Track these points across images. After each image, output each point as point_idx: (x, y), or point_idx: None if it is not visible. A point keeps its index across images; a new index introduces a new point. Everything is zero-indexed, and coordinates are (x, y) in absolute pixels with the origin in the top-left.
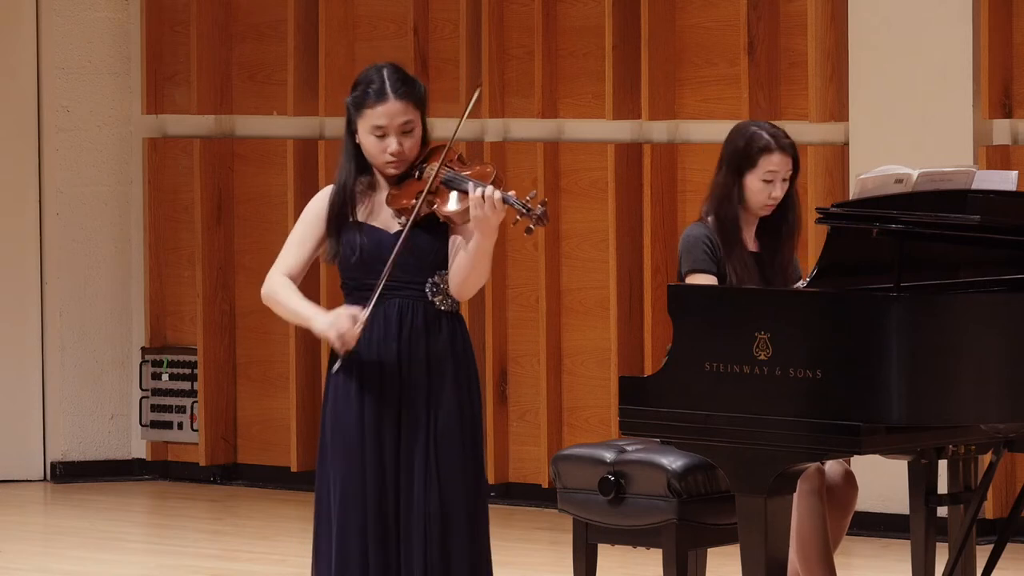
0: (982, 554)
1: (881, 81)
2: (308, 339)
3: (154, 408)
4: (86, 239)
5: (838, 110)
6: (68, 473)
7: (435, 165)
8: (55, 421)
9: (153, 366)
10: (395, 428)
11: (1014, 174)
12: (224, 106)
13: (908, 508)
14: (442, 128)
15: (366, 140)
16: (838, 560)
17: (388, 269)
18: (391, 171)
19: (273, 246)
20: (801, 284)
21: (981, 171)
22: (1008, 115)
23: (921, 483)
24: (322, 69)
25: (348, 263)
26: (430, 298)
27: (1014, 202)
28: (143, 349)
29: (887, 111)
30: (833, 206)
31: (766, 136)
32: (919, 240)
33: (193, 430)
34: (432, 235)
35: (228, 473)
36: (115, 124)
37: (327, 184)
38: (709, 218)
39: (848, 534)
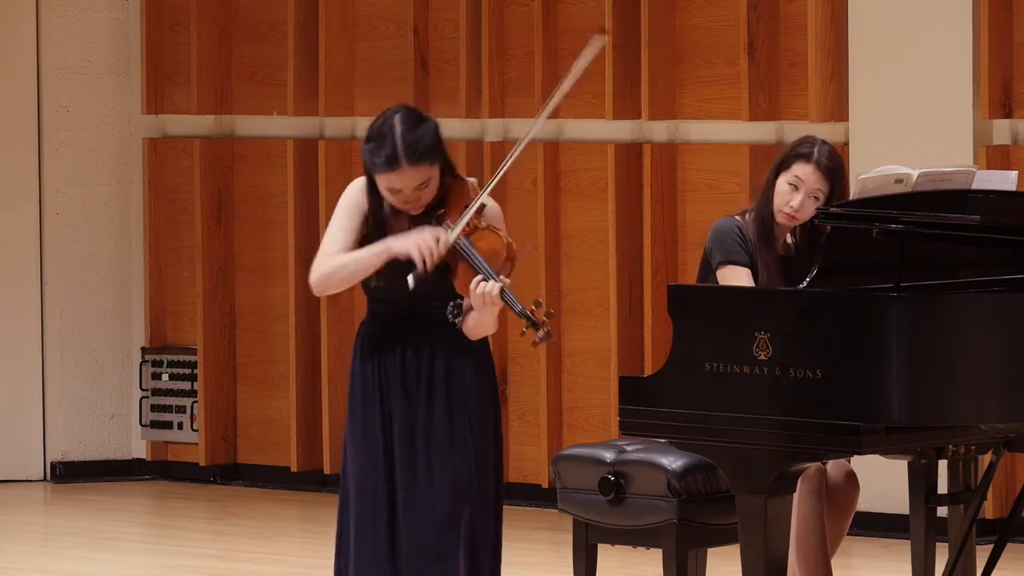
0: (982, 554)
1: (881, 81)
2: (308, 339)
3: (154, 408)
4: (86, 239)
5: (838, 110)
6: (68, 473)
7: (450, 223)
8: (55, 421)
9: (153, 366)
10: (408, 445)
11: (1014, 174)
12: (224, 106)
13: (908, 508)
14: (443, 128)
15: (383, 192)
16: (838, 560)
17: (467, 216)
18: (410, 212)
19: (273, 246)
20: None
21: (981, 171)
22: (1008, 115)
23: (921, 483)
24: (322, 69)
25: (376, 279)
26: (451, 320)
27: (1014, 202)
28: (143, 349)
29: (887, 111)
30: (833, 206)
31: (810, 148)
32: (919, 240)
33: (193, 430)
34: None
35: (228, 473)
36: (115, 124)
37: (326, 184)
38: (748, 214)
39: (848, 534)
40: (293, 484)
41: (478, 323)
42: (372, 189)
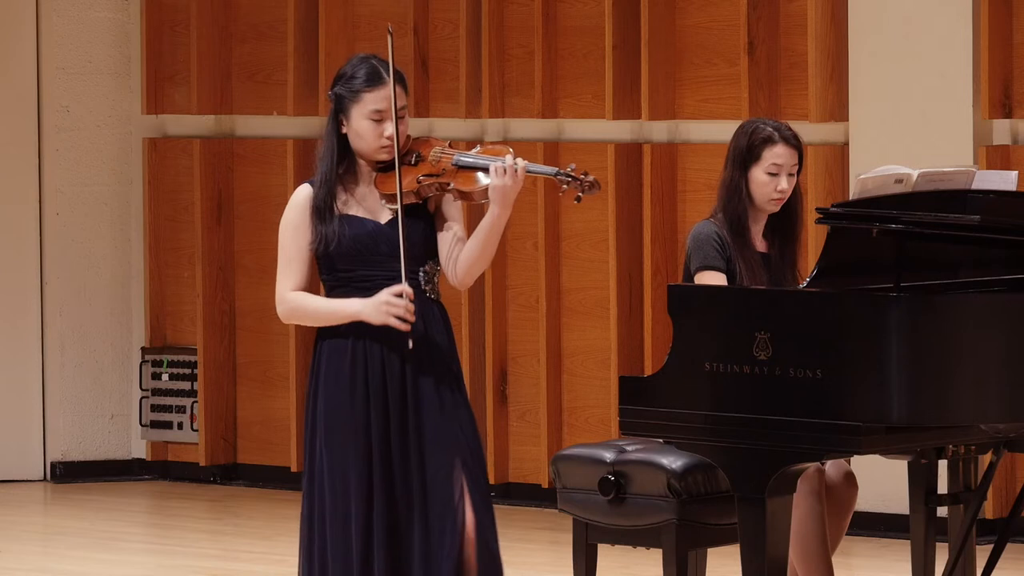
0: (982, 554)
1: (881, 81)
2: (308, 339)
3: (154, 408)
4: (86, 239)
5: (838, 110)
6: (68, 473)
7: (439, 148)
8: (55, 421)
9: (153, 366)
10: (399, 415)
11: (1014, 174)
12: (224, 106)
13: (908, 508)
14: (443, 128)
15: (361, 126)
16: (838, 560)
17: (403, 245)
18: (384, 156)
19: (273, 246)
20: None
21: (981, 171)
22: (1008, 115)
23: (921, 483)
24: (322, 69)
25: (338, 254)
26: (422, 286)
27: (1014, 202)
28: (143, 349)
29: (887, 111)
30: (833, 206)
31: (769, 129)
32: (919, 240)
33: (193, 430)
34: (424, 224)
35: (228, 473)
36: (115, 124)
37: None
38: (718, 216)
39: (848, 534)
40: (293, 484)
41: (490, 228)
42: (323, 183)
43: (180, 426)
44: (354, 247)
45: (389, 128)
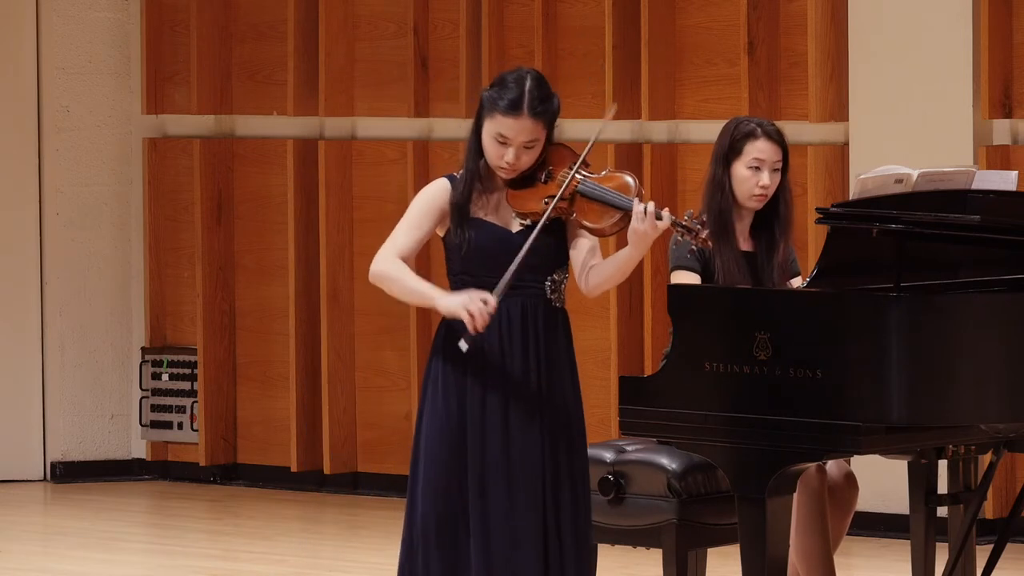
0: (982, 554)
1: (881, 81)
2: (308, 339)
3: (154, 408)
4: (86, 239)
5: (838, 110)
6: (68, 473)
7: (567, 171)
8: (55, 421)
9: (153, 366)
10: (520, 426)
11: (1014, 174)
12: (224, 106)
13: (908, 508)
14: (443, 128)
15: (486, 140)
16: (838, 560)
17: (515, 268)
18: (501, 175)
19: (273, 246)
20: (797, 282)
21: (981, 171)
22: (1008, 115)
23: (921, 483)
24: (322, 69)
25: (467, 258)
26: (548, 295)
27: (1014, 202)
28: (143, 349)
29: (887, 111)
30: (833, 206)
31: (752, 124)
32: (919, 240)
33: (193, 430)
34: (554, 236)
35: (228, 473)
36: (115, 124)
37: (326, 184)
38: (702, 215)
39: (848, 534)
40: (293, 484)
41: (626, 264)
42: (466, 183)
43: (180, 426)
44: (480, 253)
45: (509, 155)
